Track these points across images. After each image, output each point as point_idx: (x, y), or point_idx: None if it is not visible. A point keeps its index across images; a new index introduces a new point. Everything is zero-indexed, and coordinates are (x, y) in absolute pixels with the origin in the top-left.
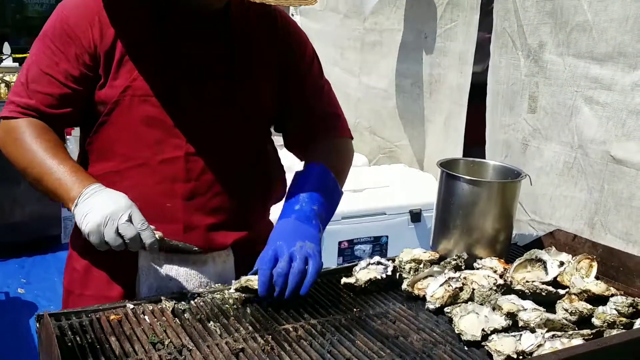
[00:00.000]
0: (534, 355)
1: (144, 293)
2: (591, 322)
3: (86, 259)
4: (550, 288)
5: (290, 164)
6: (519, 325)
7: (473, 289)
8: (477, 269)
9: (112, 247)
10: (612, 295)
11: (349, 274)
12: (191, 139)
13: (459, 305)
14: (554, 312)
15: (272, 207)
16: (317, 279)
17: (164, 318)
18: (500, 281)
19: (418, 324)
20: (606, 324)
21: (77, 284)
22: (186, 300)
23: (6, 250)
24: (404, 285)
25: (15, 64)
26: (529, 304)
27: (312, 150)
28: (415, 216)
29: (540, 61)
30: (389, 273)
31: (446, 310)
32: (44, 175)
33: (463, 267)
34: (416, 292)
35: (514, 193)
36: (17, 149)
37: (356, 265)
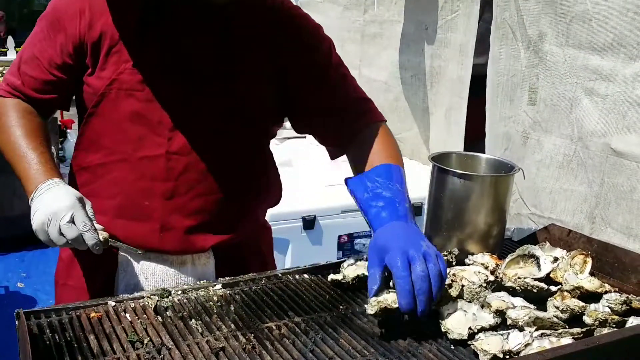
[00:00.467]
0: (521, 355)
1: (121, 289)
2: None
3: (70, 250)
4: (541, 285)
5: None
6: (507, 324)
7: (462, 286)
8: (468, 265)
9: (60, 246)
10: (606, 292)
11: (337, 271)
12: (174, 137)
13: (447, 302)
14: (545, 310)
15: (265, 210)
16: None
17: (145, 316)
18: (491, 278)
19: (403, 321)
20: (598, 322)
21: (62, 274)
22: (170, 297)
23: (6, 244)
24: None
25: None
26: (519, 301)
27: (358, 148)
28: (417, 210)
29: (540, 52)
30: None
31: (433, 307)
32: (14, 160)
33: (454, 263)
34: None
35: (507, 187)
36: None
37: (344, 261)
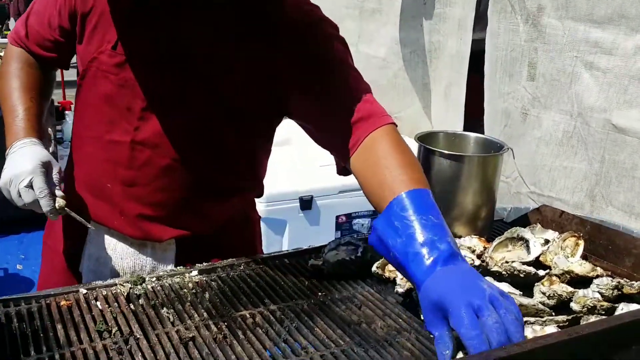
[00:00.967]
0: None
1: (85, 259)
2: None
3: None
4: (529, 269)
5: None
6: None
7: None
8: None
9: (20, 206)
10: (598, 276)
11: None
12: (142, 127)
13: None
14: (532, 296)
15: (249, 204)
16: None
17: (116, 304)
18: (477, 262)
19: (385, 309)
20: (586, 309)
21: (47, 231)
22: (144, 284)
23: (5, 226)
24: (374, 268)
25: None
26: (505, 287)
27: (364, 161)
28: None
29: (539, 25)
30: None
31: (414, 294)
32: (5, 111)
33: None
34: (387, 274)
35: (495, 167)
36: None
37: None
